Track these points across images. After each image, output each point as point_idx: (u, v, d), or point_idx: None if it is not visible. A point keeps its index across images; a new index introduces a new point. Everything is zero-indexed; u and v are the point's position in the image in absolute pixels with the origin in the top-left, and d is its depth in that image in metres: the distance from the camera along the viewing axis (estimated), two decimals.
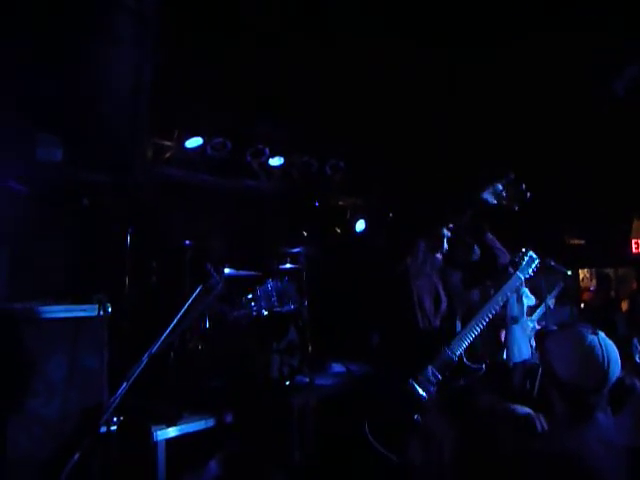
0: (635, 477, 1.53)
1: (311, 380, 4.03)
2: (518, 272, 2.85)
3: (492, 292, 2.86)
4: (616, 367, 1.64)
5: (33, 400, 2.77)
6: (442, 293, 2.88)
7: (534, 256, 2.90)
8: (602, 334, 1.70)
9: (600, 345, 1.65)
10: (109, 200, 4.01)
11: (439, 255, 2.87)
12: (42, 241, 4.02)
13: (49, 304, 2.96)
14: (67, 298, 3.07)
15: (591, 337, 1.67)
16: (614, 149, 5.33)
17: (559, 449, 1.58)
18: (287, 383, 4.06)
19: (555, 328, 1.86)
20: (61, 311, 2.95)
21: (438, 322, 2.78)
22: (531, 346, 3.82)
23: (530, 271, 2.88)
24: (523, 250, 2.91)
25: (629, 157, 5.44)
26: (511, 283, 2.82)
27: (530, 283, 4.11)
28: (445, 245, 2.87)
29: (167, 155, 4.77)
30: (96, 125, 3.01)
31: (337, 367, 4.48)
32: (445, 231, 2.87)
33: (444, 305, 2.84)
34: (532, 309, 4.17)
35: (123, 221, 4.15)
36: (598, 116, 4.83)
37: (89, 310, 3.04)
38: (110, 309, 3.09)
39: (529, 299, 4.21)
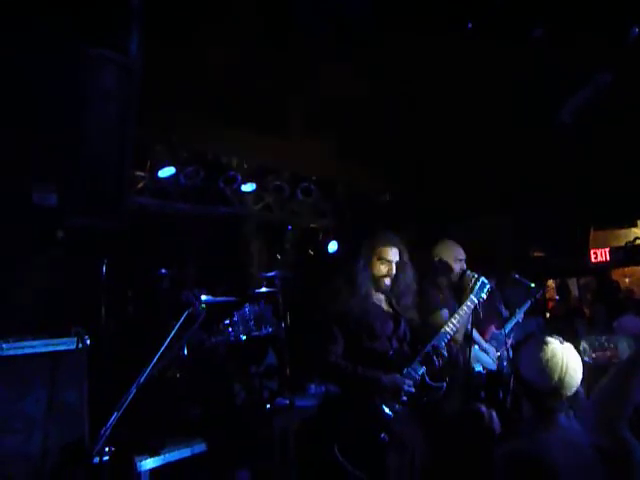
0: (597, 474, 1.67)
1: (291, 402, 4.08)
2: (471, 296, 3.03)
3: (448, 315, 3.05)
4: (574, 377, 1.79)
5: (12, 437, 2.75)
6: (398, 315, 2.95)
7: (485, 281, 3.10)
8: (569, 345, 1.86)
9: (562, 353, 1.80)
10: (84, 232, 4.01)
11: (387, 281, 2.92)
12: (13, 275, 3.98)
13: (26, 339, 2.95)
14: (44, 332, 3.06)
15: (555, 345, 1.82)
16: (570, 163, 5.62)
17: (525, 449, 1.72)
18: (268, 406, 4.09)
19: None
20: (39, 346, 2.95)
21: (397, 344, 2.86)
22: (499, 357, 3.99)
23: (483, 295, 3.07)
24: (475, 276, 3.12)
25: (585, 171, 5.75)
26: (465, 307, 2.99)
27: (502, 297, 4.31)
28: (394, 269, 2.92)
29: (140, 185, 4.81)
30: (83, 171, 3.08)
31: (316, 388, 4.54)
32: (393, 254, 2.92)
33: (402, 327, 2.93)
34: (503, 322, 4.34)
35: (98, 252, 4.15)
36: (553, 133, 5.10)
37: (67, 344, 3.04)
38: (88, 341, 3.10)
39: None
